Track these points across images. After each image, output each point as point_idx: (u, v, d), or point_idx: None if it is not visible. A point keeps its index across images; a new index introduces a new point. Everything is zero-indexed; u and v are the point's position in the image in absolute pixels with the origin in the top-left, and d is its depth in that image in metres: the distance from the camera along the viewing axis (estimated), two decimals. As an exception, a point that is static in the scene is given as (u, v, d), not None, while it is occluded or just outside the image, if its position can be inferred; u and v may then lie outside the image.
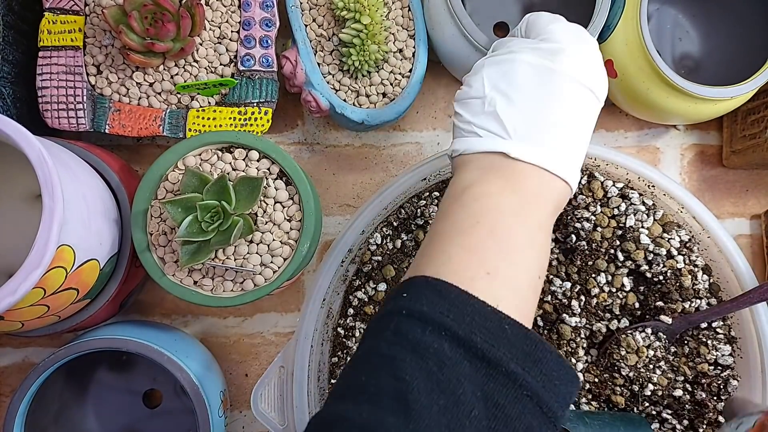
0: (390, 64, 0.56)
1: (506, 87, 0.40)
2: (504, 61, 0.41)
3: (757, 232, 0.64)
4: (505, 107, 0.40)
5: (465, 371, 0.31)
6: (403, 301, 0.34)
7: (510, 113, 0.39)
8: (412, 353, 0.31)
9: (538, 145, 0.39)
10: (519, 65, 0.40)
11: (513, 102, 0.39)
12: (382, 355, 0.32)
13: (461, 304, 0.33)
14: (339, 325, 0.55)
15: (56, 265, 0.42)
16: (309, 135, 0.63)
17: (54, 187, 0.40)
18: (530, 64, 0.40)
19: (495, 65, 0.41)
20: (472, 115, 0.41)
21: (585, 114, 0.41)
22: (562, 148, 0.39)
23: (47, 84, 0.54)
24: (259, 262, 0.50)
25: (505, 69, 0.41)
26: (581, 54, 0.41)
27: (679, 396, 0.52)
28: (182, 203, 0.47)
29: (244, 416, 0.61)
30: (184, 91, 0.55)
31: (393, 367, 0.31)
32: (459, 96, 0.43)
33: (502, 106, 0.40)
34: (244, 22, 0.56)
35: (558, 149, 0.39)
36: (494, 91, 0.40)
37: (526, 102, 0.39)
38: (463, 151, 0.41)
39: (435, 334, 0.32)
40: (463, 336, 0.32)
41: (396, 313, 0.34)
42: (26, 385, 0.48)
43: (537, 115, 0.39)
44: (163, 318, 0.61)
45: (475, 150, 0.40)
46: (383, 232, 0.55)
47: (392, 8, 0.57)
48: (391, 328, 0.33)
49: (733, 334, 0.53)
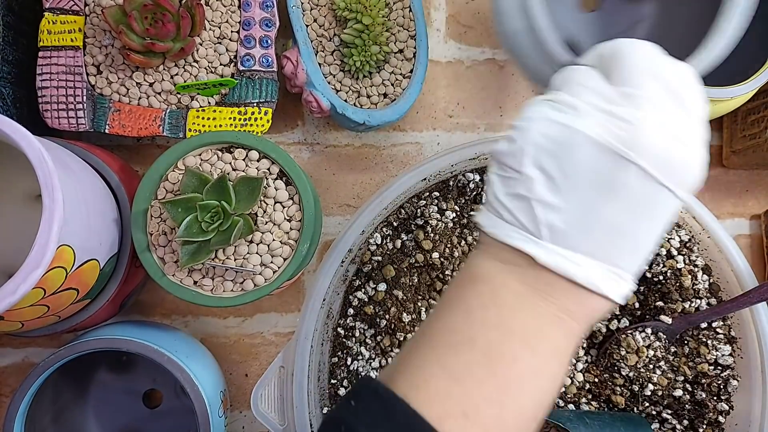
0: (391, 65, 0.56)
1: (553, 169, 0.30)
2: (561, 126, 0.30)
3: (757, 232, 0.64)
4: (544, 196, 0.30)
5: None
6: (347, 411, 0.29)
7: (549, 206, 0.30)
8: None
9: (578, 253, 0.30)
10: (578, 142, 0.29)
11: (558, 190, 0.30)
12: None
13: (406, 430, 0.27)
14: (339, 325, 0.55)
15: (56, 265, 0.42)
16: (309, 135, 0.63)
17: (54, 187, 0.40)
18: (594, 142, 0.29)
19: (546, 127, 0.30)
20: (504, 187, 0.31)
21: (655, 218, 0.30)
22: (612, 259, 0.30)
23: (47, 84, 0.54)
24: (259, 262, 0.49)
25: (560, 141, 0.30)
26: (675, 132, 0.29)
27: (679, 396, 0.52)
28: (182, 203, 0.47)
29: (244, 416, 0.61)
30: (184, 91, 0.55)
31: None
32: (495, 152, 0.32)
33: (541, 193, 0.30)
34: (244, 22, 0.56)
35: (606, 260, 0.30)
36: (536, 171, 0.30)
37: (575, 194, 0.30)
38: (488, 231, 0.32)
39: None
40: None
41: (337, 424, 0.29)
42: (26, 385, 0.48)
43: (586, 215, 0.30)
44: (163, 318, 0.61)
45: (498, 238, 0.31)
46: (383, 232, 0.55)
47: (393, 9, 0.57)
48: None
49: (733, 334, 0.53)
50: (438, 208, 0.55)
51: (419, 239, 0.54)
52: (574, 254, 0.30)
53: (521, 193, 0.30)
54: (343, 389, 0.53)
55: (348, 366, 0.54)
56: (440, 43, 0.63)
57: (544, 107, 0.31)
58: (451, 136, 0.63)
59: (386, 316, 0.53)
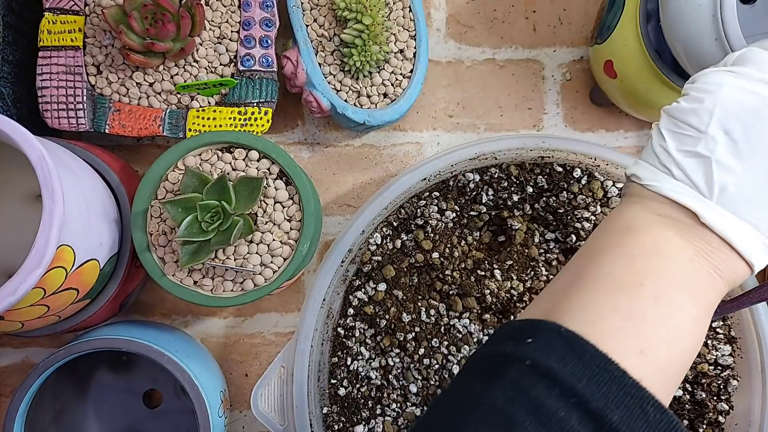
0: (391, 65, 0.56)
1: (740, 134, 0.31)
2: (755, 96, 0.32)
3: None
4: (724, 159, 0.31)
5: None
6: (527, 347, 0.29)
7: (727, 169, 0.31)
8: (533, 417, 0.27)
9: (742, 220, 0.32)
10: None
11: (739, 155, 0.31)
12: (497, 408, 0.27)
13: (598, 368, 0.28)
14: (339, 325, 0.55)
15: (56, 265, 0.42)
16: (309, 135, 0.63)
17: (54, 187, 0.40)
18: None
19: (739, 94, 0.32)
20: (678, 145, 0.33)
21: None
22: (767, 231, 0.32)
23: (47, 84, 0.54)
24: (259, 262, 0.50)
25: (751, 109, 0.31)
26: None
27: (679, 396, 0.52)
28: (182, 203, 0.47)
29: (244, 416, 0.61)
30: (184, 91, 0.55)
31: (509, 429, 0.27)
32: (672, 111, 0.34)
33: (722, 156, 0.31)
34: (244, 22, 0.56)
35: (763, 231, 0.32)
36: (721, 132, 0.32)
37: (754, 162, 0.31)
38: (646, 184, 0.34)
39: (562, 400, 0.27)
40: (597, 410, 0.26)
41: (516, 360, 0.29)
42: (26, 385, 0.48)
43: (759, 184, 0.31)
44: (163, 318, 0.61)
45: (661, 192, 0.33)
46: (383, 232, 0.55)
47: (393, 9, 0.57)
48: (509, 377, 0.28)
49: (733, 334, 0.53)
50: (438, 208, 0.55)
51: (419, 239, 0.54)
52: (738, 220, 0.31)
53: (699, 152, 0.32)
54: (343, 389, 0.53)
55: (348, 366, 0.54)
56: (440, 43, 0.63)
57: (728, 77, 0.33)
58: (451, 136, 0.63)
59: (386, 316, 0.53)
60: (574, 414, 0.27)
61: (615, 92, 0.57)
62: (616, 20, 0.54)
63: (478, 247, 0.55)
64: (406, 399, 0.53)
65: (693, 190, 0.32)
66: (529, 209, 0.54)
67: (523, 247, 0.54)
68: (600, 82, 0.59)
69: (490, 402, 0.28)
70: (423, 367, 0.53)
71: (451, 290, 0.53)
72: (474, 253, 0.54)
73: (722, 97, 0.32)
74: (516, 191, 0.54)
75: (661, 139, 0.34)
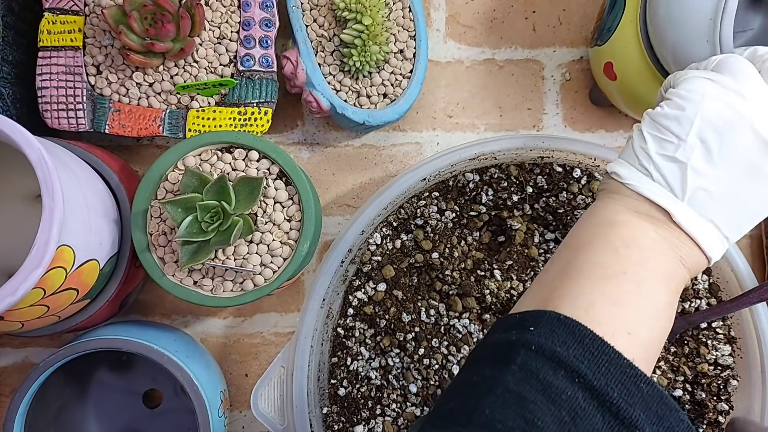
0: (391, 65, 0.56)
1: (714, 143, 0.35)
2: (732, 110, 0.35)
3: (757, 233, 0.64)
4: (699, 165, 0.35)
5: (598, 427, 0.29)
6: (530, 334, 0.31)
7: (700, 174, 0.35)
8: (543, 396, 0.29)
9: (707, 220, 0.35)
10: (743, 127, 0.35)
11: (711, 163, 0.35)
12: (508, 389, 0.30)
13: (596, 351, 0.30)
14: (339, 325, 0.55)
15: (56, 266, 0.42)
16: (309, 135, 0.63)
17: (54, 187, 0.40)
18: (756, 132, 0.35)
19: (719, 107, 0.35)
20: (658, 148, 0.36)
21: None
22: (731, 231, 0.36)
23: (47, 84, 0.54)
24: (258, 262, 0.50)
25: (727, 120, 0.35)
26: None
27: (679, 396, 0.52)
28: (182, 203, 0.47)
29: (244, 416, 0.61)
30: (184, 91, 0.55)
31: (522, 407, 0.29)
32: (656, 116, 0.37)
33: (697, 162, 0.35)
34: (243, 22, 0.56)
35: (726, 231, 0.36)
36: (698, 141, 0.35)
37: (725, 170, 0.35)
38: (626, 183, 0.37)
39: (568, 380, 0.29)
40: (599, 388, 0.29)
41: (521, 346, 0.31)
42: (26, 385, 0.48)
43: (727, 190, 0.35)
44: (163, 318, 0.61)
45: (640, 192, 0.36)
46: (383, 232, 0.55)
47: (393, 9, 0.57)
48: (517, 361, 0.31)
49: (733, 334, 0.53)
50: (438, 208, 0.55)
51: (419, 239, 0.54)
52: (703, 220, 0.35)
53: (677, 157, 0.35)
54: (343, 389, 0.53)
55: (348, 366, 0.54)
56: (440, 44, 0.63)
57: (709, 86, 0.36)
58: (450, 136, 0.63)
59: (386, 316, 0.53)
60: (580, 392, 0.29)
61: (615, 94, 0.57)
62: (616, 22, 0.54)
63: (477, 248, 0.55)
64: (406, 399, 0.53)
65: (667, 191, 0.36)
66: (528, 209, 0.54)
67: (522, 248, 0.54)
68: (600, 84, 0.59)
69: (502, 385, 0.30)
70: (423, 367, 0.53)
71: (451, 290, 0.53)
72: (474, 254, 0.54)
73: (703, 109, 0.35)
74: (516, 191, 0.54)
75: (643, 141, 0.37)
